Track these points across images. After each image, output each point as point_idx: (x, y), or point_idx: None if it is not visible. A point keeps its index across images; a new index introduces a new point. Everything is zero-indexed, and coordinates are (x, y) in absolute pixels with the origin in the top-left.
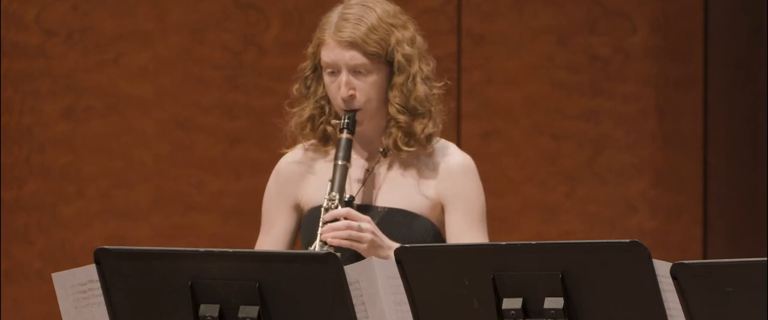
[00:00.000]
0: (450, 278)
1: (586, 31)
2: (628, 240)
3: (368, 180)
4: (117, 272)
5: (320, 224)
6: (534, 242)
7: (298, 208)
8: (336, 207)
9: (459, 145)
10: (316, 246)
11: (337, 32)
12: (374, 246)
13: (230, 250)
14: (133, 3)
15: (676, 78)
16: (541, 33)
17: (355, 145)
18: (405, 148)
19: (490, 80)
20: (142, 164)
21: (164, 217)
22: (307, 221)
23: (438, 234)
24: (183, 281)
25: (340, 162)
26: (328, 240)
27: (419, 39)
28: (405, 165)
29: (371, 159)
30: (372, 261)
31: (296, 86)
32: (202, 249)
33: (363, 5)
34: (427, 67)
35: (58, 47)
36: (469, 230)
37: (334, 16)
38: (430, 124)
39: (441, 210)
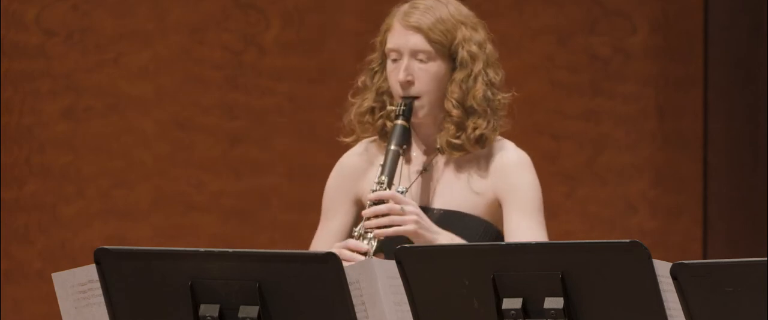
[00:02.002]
0: (450, 278)
1: (586, 31)
2: (628, 240)
3: (423, 177)
4: (117, 272)
5: (367, 205)
6: (534, 242)
7: (358, 202)
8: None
9: None
10: (360, 229)
11: (405, 17)
12: (421, 229)
13: (230, 250)
14: (133, 3)
15: (676, 78)
16: (541, 33)
17: (413, 140)
18: (454, 142)
19: None
20: (142, 164)
21: (164, 217)
22: None
23: (494, 232)
24: (183, 281)
25: (392, 147)
26: (373, 231)
27: (490, 47)
28: (460, 165)
29: (427, 156)
30: (372, 261)
31: (362, 78)
32: (202, 249)
33: (437, 0)
34: (495, 75)
35: (58, 47)
36: (524, 222)
37: (404, 5)
38: (484, 125)
39: (497, 207)
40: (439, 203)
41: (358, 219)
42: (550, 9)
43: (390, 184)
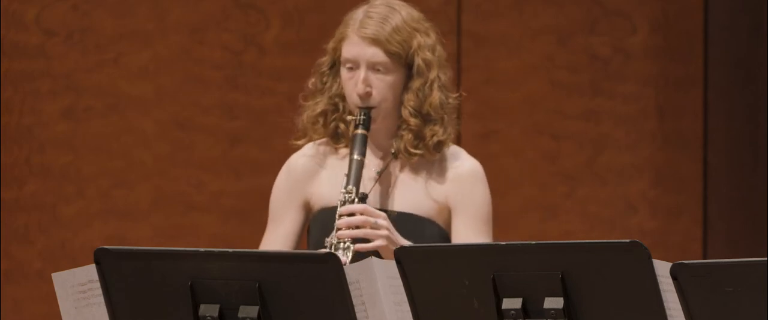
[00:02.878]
0: (450, 278)
1: (586, 31)
2: (628, 240)
3: (380, 181)
4: (117, 272)
5: (337, 217)
6: (534, 242)
7: (307, 206)
8: (352, 201)
9: (459, 144)
10: (333, 238)
11: (361, 28)
12: (391, 244)
13: (230, 250)
14: (133, 3)
15: (676, 78)
16: (541, 33)
17: (368, 144)
18: (413, 151)
19: (489, 80)
20: (142, 164)
21: (164, 217)
22: (317, 221)
23: (446, 238)
24: (183, 281)
25: (355, 157)
26: (345, 234)
27: (440, 48)
28: (416, 169)
29: (382, 160)
30: (372, 261)
31: (312, 80)
32: (202, 249)
33: (388, 6)
34: (445, 76)
35: (58, 47)
36: (473, 235)
37: (359, 13)
38: (441, 131)
39: (449, 214)
40: (393, 205)
41: (306, 224)
42: (550, 9)
43: (357, 194)
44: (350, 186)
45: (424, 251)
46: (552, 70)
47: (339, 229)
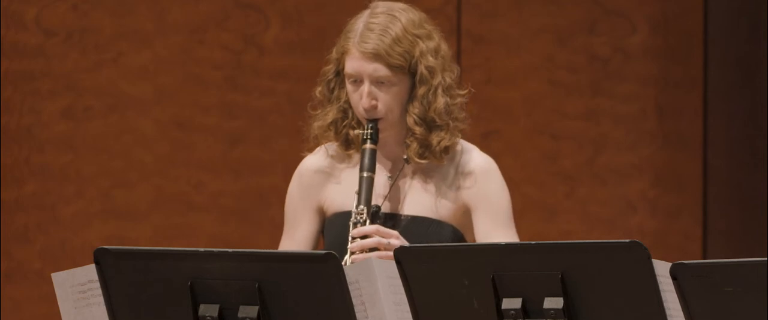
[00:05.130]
0: (450, 278)
1: (586, 31)
2: (627, 240)
3: (393, 188)
4: (117, 272)
5: (349, 240)
6: (534, 242)
7: (321, 211)
8: (364, 222)
9: None
10: (347, 262)
11: (362, 43)
12: None
13: (230, 250)
14: (132, 3)
15: (676, 78)
16: (541, 33)
17: (379, 154)
18: (419, 160)
19: (489, 80)
20: (142, 164)
21: (164, 217)
22: (331, 226)
23: (461, 239)
24: (183, 281)
25: (365, 174)
26: (359, 258)
27: (444, 47)
28: (428, 172)
29: (395, 167)
30: (372, 261)
31: (319, 89)
32: (202, 249)
33: (389, 14)
34: (450, 77)
35: (58, 47)
36: (495, 230)
37: (359, 24)
38: (447, 137)
39: (464, 214)
40: (407, 210)
41: (321, 228)
42: (550, 9)
43: (369, 212)
44: (362, 206)
45: (424, 251)
46: (552, 70)
47: (353, 253)
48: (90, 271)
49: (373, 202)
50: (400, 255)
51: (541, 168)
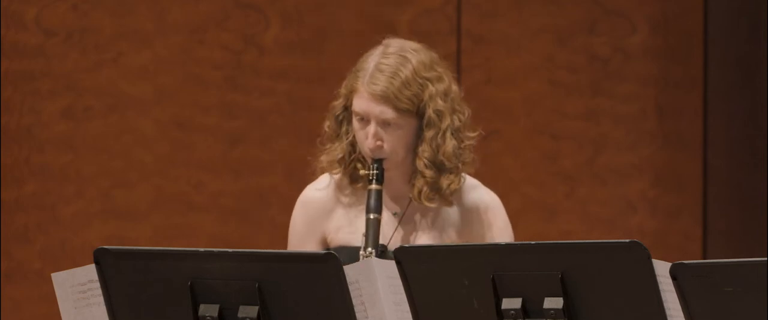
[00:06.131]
0: (450, 278)
1: (586, 31)
2: (627, 240)
3: (399, 224)
4: (117, 272)
5: None
6: (534, 242)
7: (324, 242)
8: None
9: None
10: None
11: (371, 84)
12: None
13: (230, 250)
14: (132, 3)
15: (676, 78)
16: (541, 33)
17: (384, 192)
18: (428, 204)
19: (489, 80)
20: (142, 164)
21: (164, 217)
22: None
23: None
24: (183, 281)
25: (372, 216)
26: None
27: (454, 89)
28: (434, 209)
29: (401, 204)
30: (372, 261)
31: (327, 123)
32: (202, 249)
33: (400, 55)
34: (460, 120)
35: (58, 47)
36: None
37: (370, 63)
38: (457, 181)
39: None
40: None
41: None
42: (550, 9)
43: (377, 254)
44: (370, 249)
45: (424, 251)
46: (552, 70)
47: None
48: (90, 271)
49: (382, 240)
50: (400, 255)
51: (541, 168)
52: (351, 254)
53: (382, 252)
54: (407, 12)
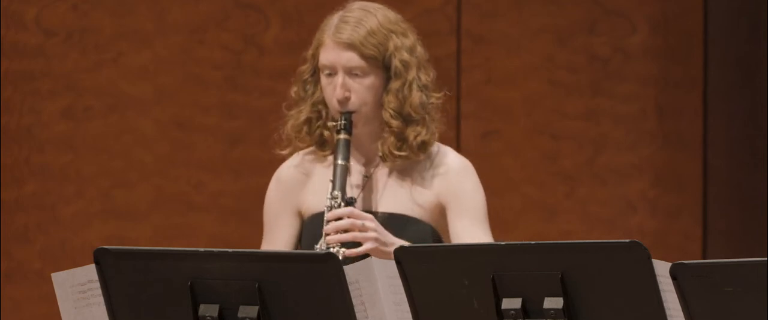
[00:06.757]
0: (450, 278)
1: (586, 31)
2: (627, 240)
3: (367, 185)
4: (117, 272)
5: (324, 223)
6: (534, 242)
7: (299, 215)
8: (338, 206)
9: (459, 145)
10: (321, 245)
11: (336, 33)
12: (381, 245)
13: (230, 250)
14: (132, 3)
15: (676, 78)
16: (541, 33)
17: (353, 150)
18: (397, 153)
19: (489, 80)
20: (142, 164)
21: (164, 217)
22: (307, 228)
23: (438, 237)
24: (183, 281)
25: (340, 162)
26: (333, 239)
27: (420, 48)
28: (403, 171)
29: (369, 164)
30: (372, 261)
31: (294, 89)
32: (202, 249)
33: (364, 10)
34: (426, 77)
35: (58, 47)
36: (471, 228)
37: (334, 18)
38: (424, 132)
39: (440, 213)
40: (382, 207)
41: (301, 231)
42: (550, 9)
43: (344, 199)
44: (336, 192)
45: (423, 251)
46: (552, 70)
47: (327, 235)
48: (90, 271)
49: (348, 194)
50: (400, 255)
51: (541, 168)
52: (321, 221)
53: (349, 202)
54: (407, 12)
